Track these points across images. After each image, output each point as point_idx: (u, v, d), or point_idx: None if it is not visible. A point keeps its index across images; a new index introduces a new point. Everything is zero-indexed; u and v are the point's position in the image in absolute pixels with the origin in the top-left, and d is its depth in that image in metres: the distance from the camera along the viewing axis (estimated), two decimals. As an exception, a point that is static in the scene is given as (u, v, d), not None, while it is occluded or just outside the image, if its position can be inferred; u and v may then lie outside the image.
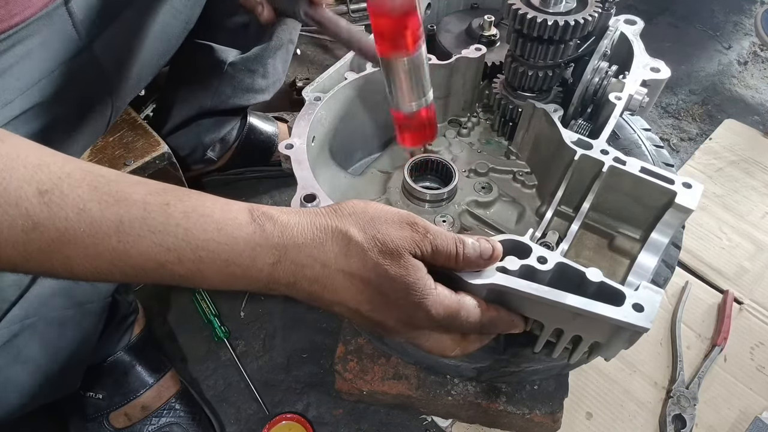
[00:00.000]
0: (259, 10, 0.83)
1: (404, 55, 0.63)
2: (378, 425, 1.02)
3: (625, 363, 1.07)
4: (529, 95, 0.82)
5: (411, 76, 0.66)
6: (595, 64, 0.77)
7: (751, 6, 1.93)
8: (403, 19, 0.59)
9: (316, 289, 0.52)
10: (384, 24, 0.59)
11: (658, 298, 0.55)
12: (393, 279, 0.51)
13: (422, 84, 0.68)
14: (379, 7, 0.58)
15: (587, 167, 0.71)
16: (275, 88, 1.24)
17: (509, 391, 0.90)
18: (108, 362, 0.95)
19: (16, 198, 0.42)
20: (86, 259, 0.45)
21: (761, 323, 1.13)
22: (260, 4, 0.84)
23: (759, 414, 1.00)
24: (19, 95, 0.61)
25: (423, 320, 0.54)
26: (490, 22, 0.93)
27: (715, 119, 1.58)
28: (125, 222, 0.45)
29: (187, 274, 0.48)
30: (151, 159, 1.03)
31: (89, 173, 0.46)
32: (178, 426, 0.97)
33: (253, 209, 0.51)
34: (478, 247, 0.55)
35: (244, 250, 0.48)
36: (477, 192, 0.82)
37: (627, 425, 1.01)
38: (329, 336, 1.13)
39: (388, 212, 0.53)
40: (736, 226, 1.29)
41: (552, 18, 0.70)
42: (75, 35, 0.66)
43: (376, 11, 0.59)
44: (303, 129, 0.74)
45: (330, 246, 0.51)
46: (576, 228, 0.71)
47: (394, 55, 0.63)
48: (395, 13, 0.58)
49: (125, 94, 0.81)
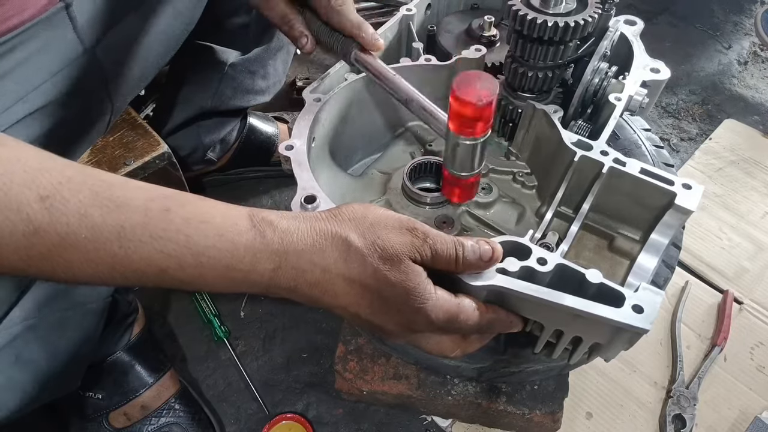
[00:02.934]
0: (303, 42, 0.81)
1: (472, 138, 0.65)
2: (378, 425, 1.03)
3: (625, 363, 1.07)
4: (529, 96, 0.82)
5: (473, 154, 0.68)
6: (595, 64, 0.76)
7: (751, 6, 1.93)
8: (483, 111, 0.61)
9: (316, 293, 0.52)
10: (464, 112, 0.62)
11: (658, 299, 0.55)
12: (393, 284, 0.51)
13: (481, 159, 0.71)
14: (465, 98, 0.60)
15: (587, 168, 0.71)
16: (275, 89, 1.24)
17: (509, 391, 0.91)
18: (107, 362, 0.95)
19: (17, 203, 0.42)
20: (87, 264, 0.45)
21: (761, 323, 1.13)
22: (305, 36, 0.80)
23: (759, 414, 1.00)
24: (19, 100, 0.61)
25: (423, 324, 0.54)
26: (490, 23, 0.93)
27: (715, 119, 1.58)
28: (126, 228, 0.45)
29: (189, 279, 0.48)
30: (151, 159, 1.03)
31: (90, 177, 0.46)
32: (177, 426, 0.97)
33: (253, 215, 0.51)
34: (477, 250, 0.55)
35: (245, 256, 0.49)
36: (477, 193, 0.82)
37: (627, 425, 1.01)
38: (329, 336, 1.13)
39: (388, 217, 0.53)
40: (736, 226, 1.29)
41: (552, 19, 0.69)
42: (76, 40, 0.66)
43: (461, 100, 0.60)
44: (303, 130, 0.74)
45: (330, 251, 0.51)
46: (576, 229, 0.71)
47: (463, 135, 0.65)
48: (480, 106, 0.60)
49: (125, 95, 0.81)
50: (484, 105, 0.60)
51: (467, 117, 0.62)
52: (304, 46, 0.81)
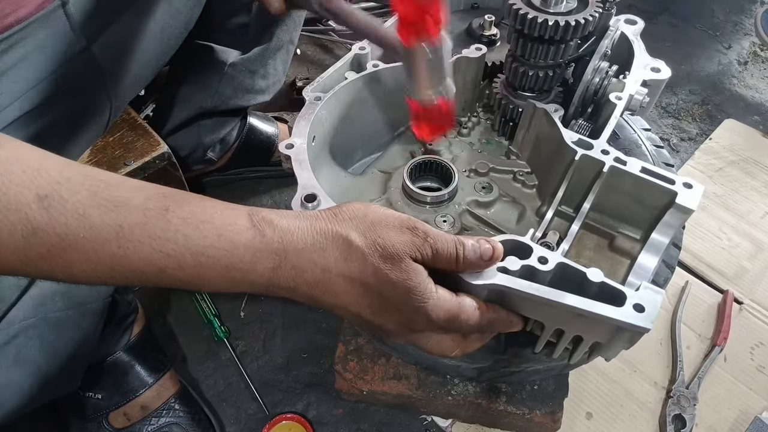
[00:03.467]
0: (270, 1, 0.82)
1: (426, 41, 0.63)
2: (378, 425, 1.02)
3: (625, 363, 1.07)
4: (530, 95, 0.82)
5: (431, 65, 0.65)
6: (596, 64, 0.76)
7: (751, 6, 1.93)
8: (427, 5, 0.59)
9: (316, 293, 0.52)
10: (408, 10, 0.59)
11: (659, 298, 0.55)
12: (393, 283, 0.51)
13: (442, 72, 0.68)
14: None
15: (588, 167, 0.71)
16: (275, 89, 1.24)
17: (509, 391, 0.90)
18: (107, 362, 0.95)
19: (16, 203, 0.42)
20: (86, 264, 0.45)
21: (761, 323, 1.13)
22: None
23: (759, 414, 1.00)
24: (17, 98, 0.61)
25: (423, 323, 0.54)
26: (491, 22, 0.93)
27: (715, 119, 1.58)
28: (125, 228, 0.45)
29: (188, 278, 0.48)
30: (151, 159, 1.03)
31: (88, 178, 0.45)
32: (177, 426, 0.97)
33: (252, 214, 0.51)
34: (478, 249, 0.55)
35: (244, 255, 0.49)
36: (477, 192, 0.82)
37: (627, 425, 1.01)
38: (329, 336, 1.13)
39: (388, 216, 0.53)
40: (736, 226, 1.29)
41: (552, 18, 0.69)
42: (73, 37, 0.65)
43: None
44: (303, 129, 0.73)
45: (330, 251, 0.51)
46: (576, 228, 0.71)
47: (416, 41, 0.63)
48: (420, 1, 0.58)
49: (124, 94, 0.81)
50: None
51: (410, 15, 0.59)
52: (271, 4, 0.82)
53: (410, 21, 0.61)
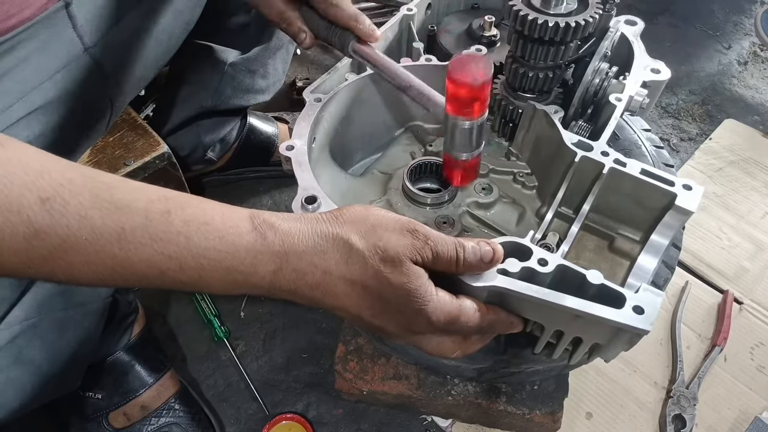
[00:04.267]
0: (302, 38, 0.82)
1: (469, 119, 0.67)
2: (378, 425, 1.03)
3: (625, 363, 1.07)
4: (530, 96, 0.82)
5: (471, 135, 0.70)
6: (596, 65, 0.76)
7: (751, 6, 1.93)
8: (479, 91, 0.63)
9: (317, 295, 0.52)
10: (460, 93, 0.63)
11: (658, 300, 0.55)
12: (394, 286, 0.51)
13: (480, 140, 0.72)
14: (460, 79, 0.62)
15: (588, 169, 0.71)
16: (275, 89, 1.24)
17: (509, 391, 0.91)
18: (107, 362, 0.96)
19: (18, 205, 0.42)
20: (88, 266, 0.45)
21: (761, 323, 1.14)
22: (304, 32, 0.82)
23: (759, 414, 1.00)
24: (19, 99, 0.61)
25: (423, 325, 0.54)
26: (491, 23, 0.93)
27: (715, 119, 1.58)
28: (127, 230, 0.45)
29: (189, 281, 0.48)
30: (151, 159, 1.03)
31: (90, 179, 0.46)
32: (177, 426, 0.97)
33: (254, 216, 0.51)
34: (478, 251, 0.55)
35: (246, 258, 0.49)
36: (477, 193, 0.82)
37: (627, 425, 1.01)
38: (329, 336, 1.13)
39: (389, 219, 0.54)
40: (736, 226, 1.29)
41: (553, 19, 0.69)
42: (76, 39, 0.66)
43: (456, 82, 0.62)
44: (304, 130, 0.74)
45: (331, 253, 0.51)
46: (576, 229, 0.71)
47: (461, 117, 0.67)
48: (475, 86, 0.62)
49: (125, 95, 0.81)
50: (479, 85, 0.62)
51: (463, 98, 0.64)
52: (303, 41, 0.83)
53: (462, 101, 0.65)
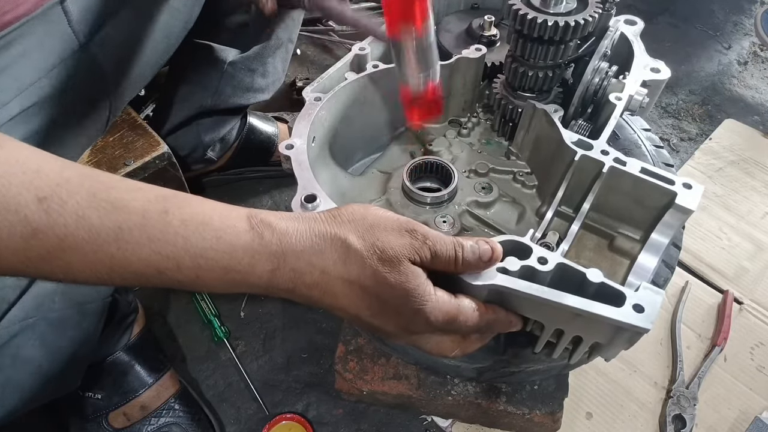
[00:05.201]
0: (263, 2, 0.83)
1: (412, 29, 0.66)
2: (378, 425, 1.02)
3: (625, 363, 1.07)
4: (530, 95, 0.82)
5: (417, 53, 0.68)
6: (596, 64, 0.76)
7: (751, 6, 1.93)
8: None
9: (315, 294, 0.52)
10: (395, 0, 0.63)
11: (658, 299, 0.55)
12: (392, 286, 0.51)
13: (430, 57, 0.70)
14: None
15: (587, 168, 0.71)
16: (275, 88, 1.24)
17: (509, 391, 0.90)
18: (107, 362, 0.95)
19: (15, 205, 0.42)
20: (86, 265, 0.45)
21: (761, 323, 1.13)
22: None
23: (759, 414, 1.00)
24: (16, 95, 0.61)
25: (422, 325, 0.54)
26: (491, 23, 0.93)
27: (715, 119, 1.58)
28: (124, 230, 0.45)
29: (187, 280, 0.48)
30: (151, 159, 1.03)
31: (88, 179, 0.45)
32: (177, 426, 0.97)
33: (252, 216, 0.51)
34: (477, 250, 0.55)
35: (243, 257, 0.49)
36: (477, 192, 0.82)
37: (627, 425, 1.01)
38: (329, 336, 1.13)
39: (387, 219, 0.53)
40: (736, 226, 1.29)
41: (552, 18, 0.69)
42: (71, 34, 0.66)
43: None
44: (303, 129, 0.73)
45: (329, 253, 0.51)
46: (576, 228, 0.71)
47: (403, 30, 0.66)
48: None
49: (124, 94, 0.81)
50: None
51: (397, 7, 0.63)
52: (264, 5, 0.84)
53: (397, 10, 0.64)
